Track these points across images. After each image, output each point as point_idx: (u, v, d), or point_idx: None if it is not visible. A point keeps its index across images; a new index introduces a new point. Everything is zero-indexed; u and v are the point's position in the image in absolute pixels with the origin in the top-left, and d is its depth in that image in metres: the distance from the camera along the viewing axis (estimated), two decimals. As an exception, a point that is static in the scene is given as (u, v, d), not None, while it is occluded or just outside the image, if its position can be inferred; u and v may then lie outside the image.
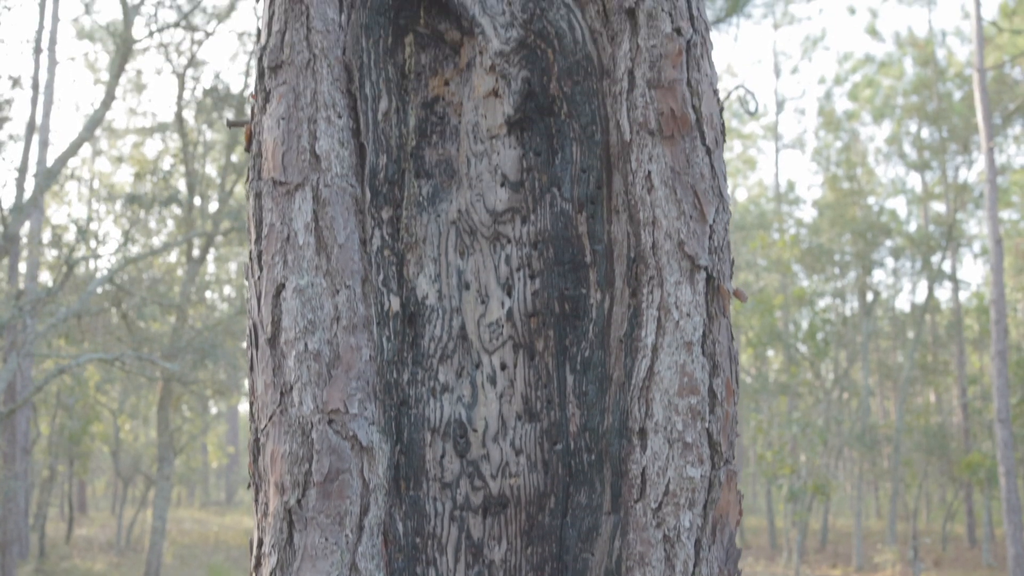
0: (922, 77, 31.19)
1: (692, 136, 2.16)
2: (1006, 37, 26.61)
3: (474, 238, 2.29)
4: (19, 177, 14.50)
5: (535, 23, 2.29)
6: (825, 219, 30.48)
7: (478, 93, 2.33)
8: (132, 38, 12.50)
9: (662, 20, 2.17)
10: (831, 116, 34.81)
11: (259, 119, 2.23)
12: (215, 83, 15.12)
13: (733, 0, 8.36)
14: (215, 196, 19.05)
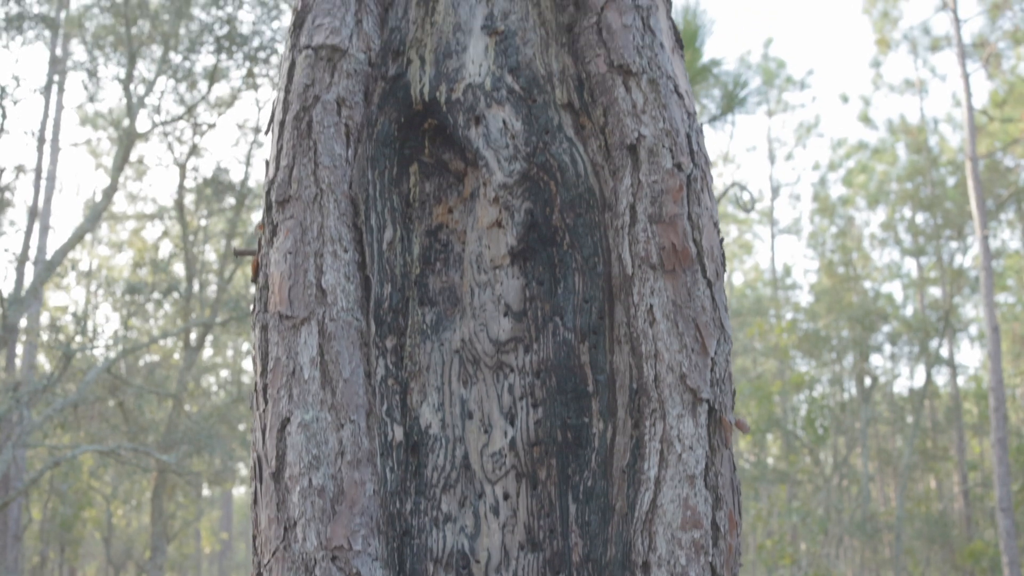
0: (915, 163, 31.53)
1: (693, 270, 2.18)
2: (997, 124, 26.97)
3: (477, 367, 2.31)
4: (19, 265, 14.56)
5: (538, 156, 2.33)
6: (822, 304, 30.55)
7: (482, 224, 2.36)
8: (136, 131, 12.69)
9: (663, 156, 2.21)
10: (826, 202, 35.10)
11: (266, 251, 2.26)
12: (216, 172, 15.26)
13: (728, 98, 8.49)
14: (214, 281, 19.12)
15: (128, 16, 12.96)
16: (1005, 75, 27.72)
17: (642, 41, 2.29)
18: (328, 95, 2.27)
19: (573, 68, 2.34)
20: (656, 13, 2.36)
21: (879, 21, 26.38)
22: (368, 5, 2.38)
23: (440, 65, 2.38)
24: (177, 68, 14.40)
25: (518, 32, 2.37)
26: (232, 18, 13.97)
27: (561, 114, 2.33)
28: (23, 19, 13.39)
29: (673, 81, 2.30)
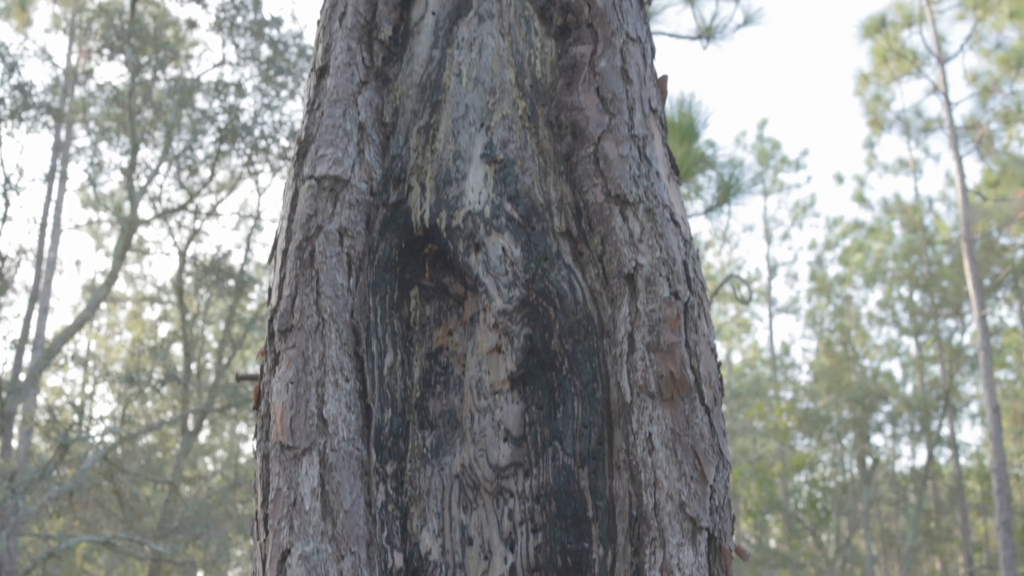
0: (911, 242, 31.71)
1: (691, 397, 2.21)
2: (992, 203, 27.15)
3: (477, 493, 2.31)
4: (18, 350, 14.56)
5: (537, 283, 2.36)
6: (821, 384, 30.48)
7: (481, 349, 2.39)
8: (138, 219, 12.80)
9: (660, 285, 2.25)
10: (823, 281, 35.22)
11: (268, 380, 2.28)
12: (216, 259, 15.35)
13: (724, 190, 8.58)
14: (212, 362, 19.10)
15: (132, 107, 13.16)
16: (998, 154, 28.00)
17: (638, 171, 2.34)
18: (330, 225, 2.31)
19: (571, 196, 2.39)
20: (652, 142, 2.42)
21: (871, 103, 26.69)
22: (370, 135, 2.43)
23: (440, 192, 2.43)
24: (180, 155, 14.58)
25: (517, 161, 2.42)
26: (235, 107, 14.18)
27: (560, 242, 2.37)
28: (28, 107, 13.58)
29: (669, 210, 2.34)
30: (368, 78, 2.49)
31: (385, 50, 2.54)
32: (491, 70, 2.49)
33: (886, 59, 22.39)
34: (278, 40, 14.59)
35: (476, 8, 2.54)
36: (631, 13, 2.54)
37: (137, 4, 14.68)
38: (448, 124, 2.47)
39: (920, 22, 22.15)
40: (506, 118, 2.45)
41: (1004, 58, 22.92)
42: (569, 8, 2.49)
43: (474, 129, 2.46)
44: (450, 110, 2.48)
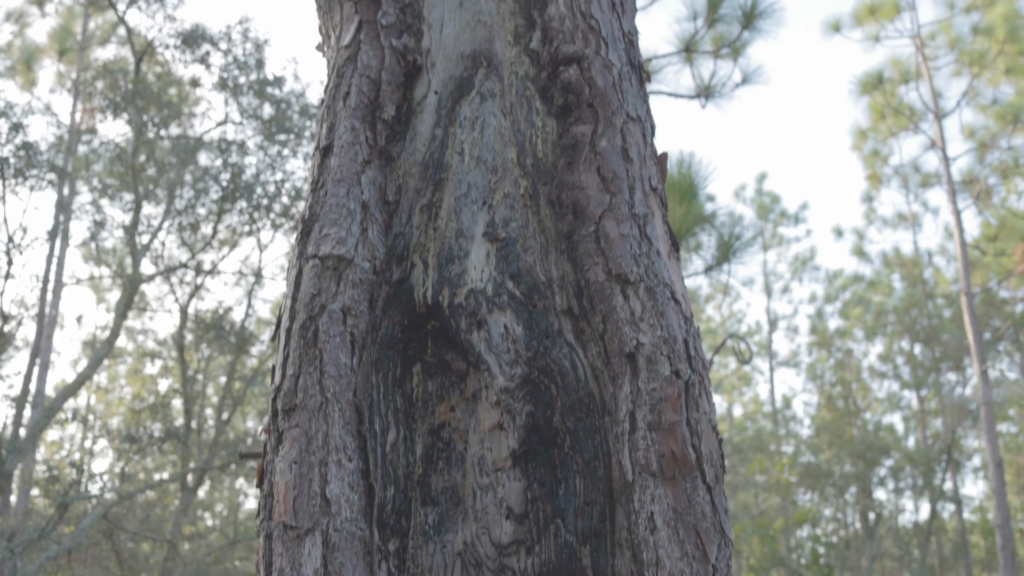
0: (911, 295, 31.74)
1: (693, 476, 2.21)
2: (991, 257, 27.23)
3: (480, 571, 2.31)
4: (17, 408, 14.53)
5: (539, 360, 2.38)
6: (823, 438, 30.37)
7: (483, 427, 2.40)
8: (140, 277, 12.85)
9: (661, 364, 2.26)
10: (823, 335, 35.21)
11: (271, 459, 2.29)
12: (216, 317, 15.38)
13: (724, 249, 8.62)
14: (211, 417, 19.05)
15: (135, 166, 13.26)
16: (996, 208, 28.14)
17: (639, 249, 2.37)
18: (334, 304, 2.34)
19: (572, 275, 2.41)
20: (652, 220, 2.45)
21: (869, 158, 26.87)
22: (373, 214, 2.46)
23: (443, 270, 2.45)
24: (183, 212, 14.65)
25: (519, 239, 2.45)
26: (237, 165, 14.28)
27: (561, 319, 2.39)
28: (33, 166, 13.68)
29: (670, 288, 2.37)
30: (371, 157, 2.53)
31: (388, 129, 2.58)
32: (493, 149, 2.52)
33: (883, 115, 22.58)
34: (280, 99, 14.74)
35: (478, 87, 2.58)
36: (631, 92, 2.59)
37: (141, 64, 14.84)
38: (450, 202, 2.50)
39: (917, 79, 22.37)
40: (508, 196, 2.48)
41: (1000, 113, 23.10)
42: (570, 88, 2.53)
43: (476, 207, 2.49)
44: (452, 188, 2.51)
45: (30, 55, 22.04)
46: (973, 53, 22.73)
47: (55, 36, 21.79)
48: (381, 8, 2.67)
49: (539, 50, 2.61)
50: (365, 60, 2.61)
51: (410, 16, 2.69)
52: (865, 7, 21.90)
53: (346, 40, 2.68)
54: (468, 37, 2.63)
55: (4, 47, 22.29)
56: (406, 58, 2.62)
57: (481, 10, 2.66)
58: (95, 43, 22.56)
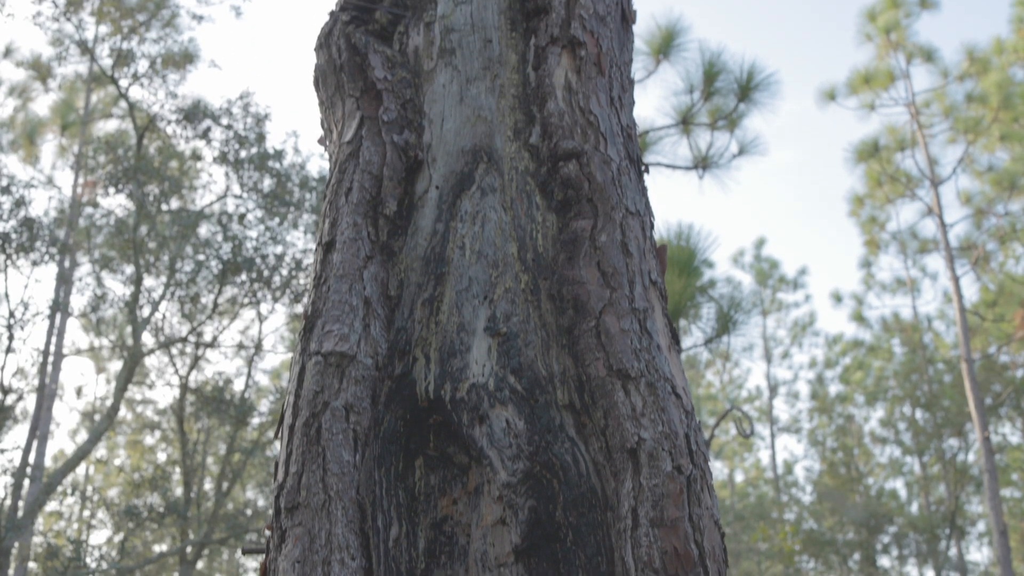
0: (911, 360, 31.68)
1: (696, 572, 2.21)
2: (990, 322, 27.23)
3: (483, 667, 2.30)
4: (16, 482, 14.44)
5: (541, 455, 2.38)
6: (825, 505, 30.12)
7: (486, 522, 2.39)
8: (141, 352, 12.86)
9: (663, 459, 2.27)
10: (824, 400, 35.09)
11: (275, 557, 2.28)
12: (216, 390, 15.36)
13: (723, 321, 8.63)
14: (212, 492, 18.91)
15: (136, 241, 13.34)
16: (994, 273, 28.20)
17: (639, 344, 2.39)
18: (337, 402, 2.34)
19: (573, 369, 2.43)
20: (652, 315, 2.47)
21: (867, 224, 27.00)
22: (375, 309, 2.48)
23: (445, 364, 2.47)
24: (184, 284, 14.71)
25: (520, 334, 2.47)
26: (238, 239, 14.37)
27: (563, 414, 2.40)
28: (35, 239, 13.75)
29: (671, 383, 2.38)
30: (373, 252, 2.56)
31: (390, 224, 2.61)
32: (494, 244, 2.55)
33: (880, 182, 22.74)
34: (281, 172, 14.86)
35: (479, 182, 2.62)
36: (630, 187, 2.62)
37: (143, 139, 15.00)
38: (452, 296, 2.52)
39: (912, 146, 22.55)
40: (509, 291, 2.50)
41: (996, 179, 23.26)
42: (570, 183, 2.57)
43: (477, 302, 2.51)
44: (454, 283, 2.53)
45: (33, 129, 22.25)
46: (968, 120, 22.94)
47: (57, 110, 22.01)
48: (383, 104, 2.71)
49: (539, 145, 2.65)
50: (367, 156, 2.65)
51: (411, 111, 2.74)
52: (860, 76, 22.16)
53: (348, 136, 2.72)
54: (469, 132, 2.68)
55: (7, 121, 22.52)
56: (407, 153, 2.66)
57: (481, 106, 2.71)
58: (97, 116, 22.80)
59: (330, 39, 2.86)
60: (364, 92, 2.75)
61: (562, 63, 2.70)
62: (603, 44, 2.75)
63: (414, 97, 2.76)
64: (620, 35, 2.89)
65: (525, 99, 2.72)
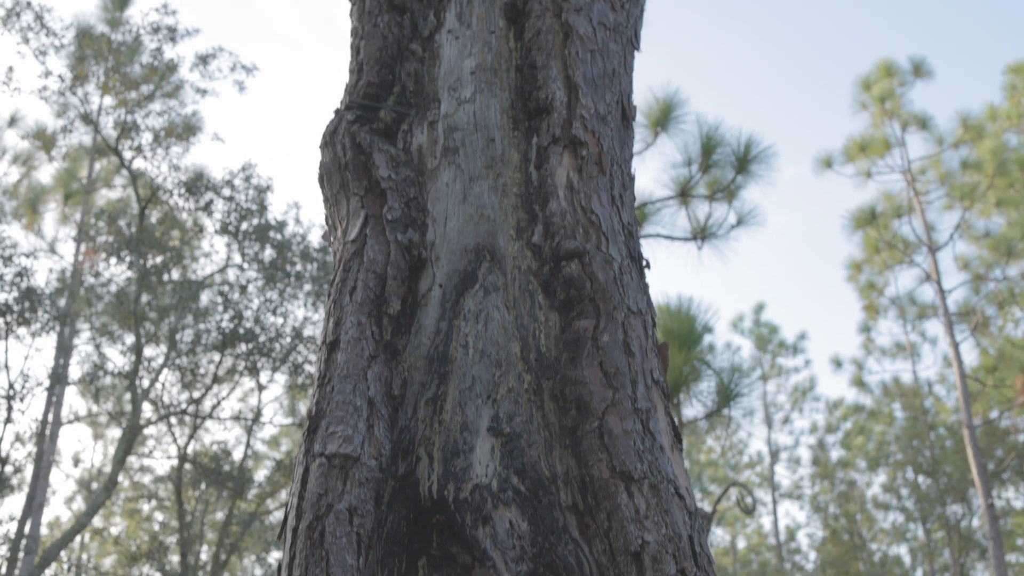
0: (913, 425, 31.56)
1: None
2: (990, 387, 27.17)
3: None
4: (11, 552, 14.32)
5: (544, 556, 2.38)
6: (829, 574, 29.83)
7: (490, 626, 2.38)
8: (139, 424, 12.83)
9: (666, 562, 2.27)
10: (826, 466, 34.91)
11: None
12: (214, 463, 15.30)
13: (724, 394, 8.63)
14: (209, 562, 18.73)
15: (136, 312, 13.39)
16: (994, 336, 28.21)
17: (642, 445, 2.40)
18: (340, 504, 2.35)
19: (577, 470, 2.43)
20: (655, 415, 2.48)
21: (865, 289, 27.06)
22: (379, 410, 2.49)
23: (448, 464, 2.47)
24: (183, 354, 14.72)
25: (523, 434, 2.47)
26: (237, 309, 14.42)
27: (566, 515, 2.40)
28: (35, 310, 13.78)
29: (673, 484, 2.39)
30: (377, 352, 2.57)
31: (394, 323, 2.63)
32: (497, 343, 2.57)
33: (878, 248, 22.84)
34: (282, 243, 14.95)
35: (482, 281, 2.64)
36: (631, 286, 2.65)
37: (145, 210, 15.11)
38: (455, 396, 2.53)
39: (909, 212, 22.70)
40: (512, 391, 2.52)
41: (993, 244, 23.37)
42: (572, 283, 2.59)
43: (480, 401, 2.52)
44: (457, 382, 2.55)
45: (36, 197, 22.39)
46: (963, 187, 23.11)
47: (60, 179, 22.18)
48: (387, 203, 2.75)
49: (541, 244, 2.68)
50: (371, 255, 2.68)
51: (415, 210, 2.77)
52: (856, 144, 22.37)
53: (352, 234, 2.75)
54: (472, 231, 2.71)
55: (11, 189, 22.67)
56: (411, 252, 2.69)
57: (484, 204, 2.74)
58: (100, 184, 22.96)
59: (335, 138, 2.91)
60: (369, 191, 2.79)
61: (564, 163, 2.74)
62: (604, 143, 2.80)
63: (418, 195, 2.80)
64: (620, 133, 2.94)
65: (527, 198, 2.76)
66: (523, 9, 3.02)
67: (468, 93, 2.90)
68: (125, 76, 16.58)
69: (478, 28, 3.02)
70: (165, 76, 16.76)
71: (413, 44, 3.06)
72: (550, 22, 2.94)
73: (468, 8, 3.06)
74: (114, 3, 20.80)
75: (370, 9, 3.11)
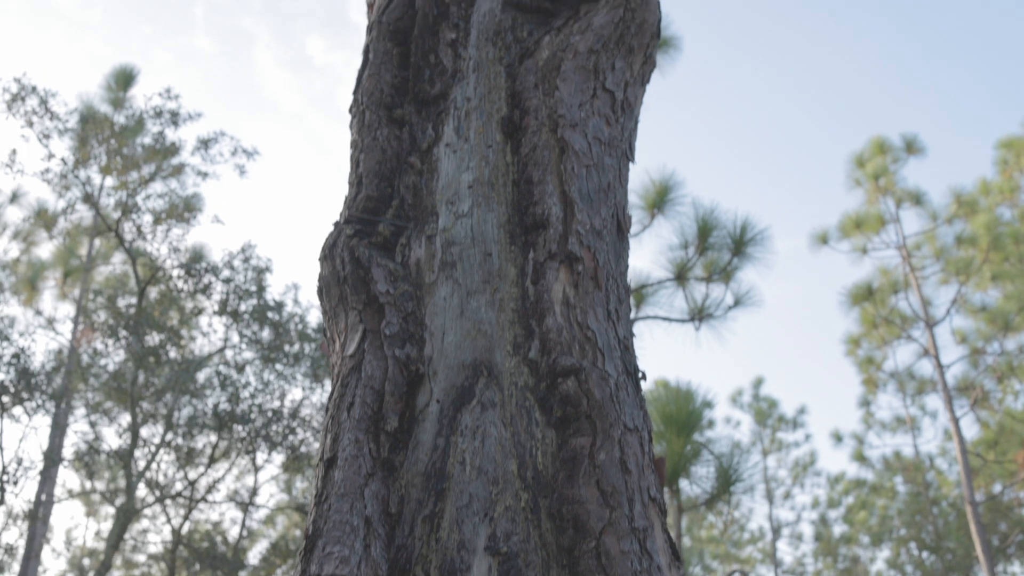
0: (915, 500, 31.32)
1: None
2: (992, 461, 27.00)
3: None
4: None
5: None
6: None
7: None
8: (134, 508, 12.73)
9: None
10: (828, 541, 34.56)
11: None
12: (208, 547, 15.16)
13: (724, 479, 8.60)
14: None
15: (133, 394, 13.37)
16: (994, 409, 28.11)
17: (640, 565, 2.39)
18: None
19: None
20: (652, 533, 2.48)
21: (863, 363, 27.04)
22: (376, 529, 2.49)
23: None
24: (179, 434, 14.66)
25: (520, 554, 2.47)
26: (234, 390, 14.40)
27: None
28: (32, 389, 13.75)
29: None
30: (375, 469, 2.58)
31: (391, 439, 2.64)
32: (494, 460, 2.57)
33: (875, 324, 22.88)
34: (280, 323, 14.98)
35: (479, 397, 2.65)
36: (628, 402, 2.66)
37: (145, 292, 15.16)
38: (452, 513, 2.53)
39: (906, 288, 22.76)
40: (509, 509, 2.52)
41: (990, 318, 23.40)
42: (568, 400, 2.61)
43: (478, 519, 2.52)
44: (454, 499, 2.55)
45: (35, 274, 22.43)
46: (959, 262, 23.21)
47: (60, 256, 22.24)
48: (385, 318, 2.77)
49: (538, 360, 2.70)
50: (369, 371, 2.69)
51: (413, 324, 2.79)
52: (851, 220, 22.52)
53: (351, 349, 2.77)
54: (469, 346, 2.73)
55: (10, 264, 22.73)
56: (409, 368, 2.71)
57: (481, 319, 2.77)
58: (100, 260, 23.03)
59: (334, 251, 2.94)
60: (367, 305, 2.82)
61: (560, 278, 2.77)
62: (599, 258, 2.83)
63: (416, 310, 2.82)
64: (616, 246, 2.98)
65: (524, 313, 2.78)
66: (520, 124, 3.08)
67: (466, 207, 2.95)
68: (127, 158, 16.74)
69: (475, 142, 3.07)
70: (166, 157, 16.92)
71: (412, 157, 3.11)
72: (546, 137, 2.99)
73: (466, 122, 3.11)
74: (117, 83, 21.08)
75: (369, 123, 3.16)
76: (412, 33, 3.35)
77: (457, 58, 3.27)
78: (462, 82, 3.21)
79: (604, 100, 3.13)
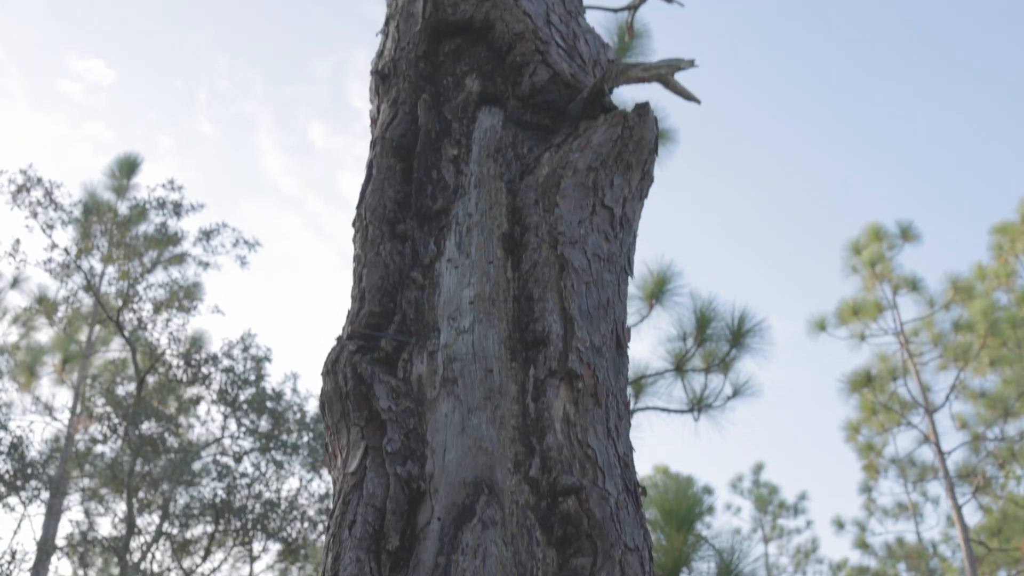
0: (921, 589, 30.90)
1: None
2: (996, 549, 26.72)
3: None
4: None
5: None
6: None
7: None
8: None
9: None
10: (833, 633, 34.01)
11: None
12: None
13: (725, 571, 8.55)
14: None
15: (130, 486, 13.29)
16: (996, 494, 27.87)
17: None
18: None
19: None
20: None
21: (864, 450, 26.91)
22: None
23: None
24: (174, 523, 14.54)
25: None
26: (232, 475, 14.32)
27: None
28: (28, 478, 13.66)
29: None
30: (376, 589, 2.58)
31: (392, 558, 2.64)
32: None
33: (875, 410, 22.83)
34: (278, 412, 14.96)
35: (480, 515, 2.66)
36: (628, 521, 2.68)
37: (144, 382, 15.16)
38: (454, 634, 2.53)
39: (904, 374, 22.74)
40: (510, 630, 2.52)
41: (990, 403, 23.35)
42: (569, 519, 2.62)
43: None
44: (455, 619, 2.55)
45: (34, 360, 22.39)
46: (957, 347, 23.23)
47: (59, 342, 22.23)
48: (387, 435, 2.79)
49: (539, 478, 2.72)
50: (371, 488, 2.71)
51: (414, 441, 2.82)
52: (848, 307, 22.60)
53: (352, 466, 2.79)
54: (470, 463, 2.75)
55: (9, 349, 22.71)
56: (410, 485, 2.72)
57: (482, 436, 2.79)
58: (99, 345, 23.01)
59: (336, 367, 2.98)
60: (369, 421, 2.84)
61: (560, 396, 2.80)
62: (599, 375, 2.87)
63: (417, 426, 2.85)
64: (615, 362, 3.01)
65: (525, 430, 2.81)
66: (520, 240, 3.13)
67: (467, 323, 2.99)
68: (129, 247, 16.86)
69: (477, 258, 3.13)
70: (168, 246, 17.04)
71: (414, 272, 3.16)
72: (546, 254, 3.05)
73: (467, 238, 3.17)
74: (121, 171, 21.29)
75: (372, 237, 3.22)
76: (415, 149, 3.42)
77: (459, 174, 3.34)
78: (464, 197, 3.28)
79: (603, 216, 3.20)
